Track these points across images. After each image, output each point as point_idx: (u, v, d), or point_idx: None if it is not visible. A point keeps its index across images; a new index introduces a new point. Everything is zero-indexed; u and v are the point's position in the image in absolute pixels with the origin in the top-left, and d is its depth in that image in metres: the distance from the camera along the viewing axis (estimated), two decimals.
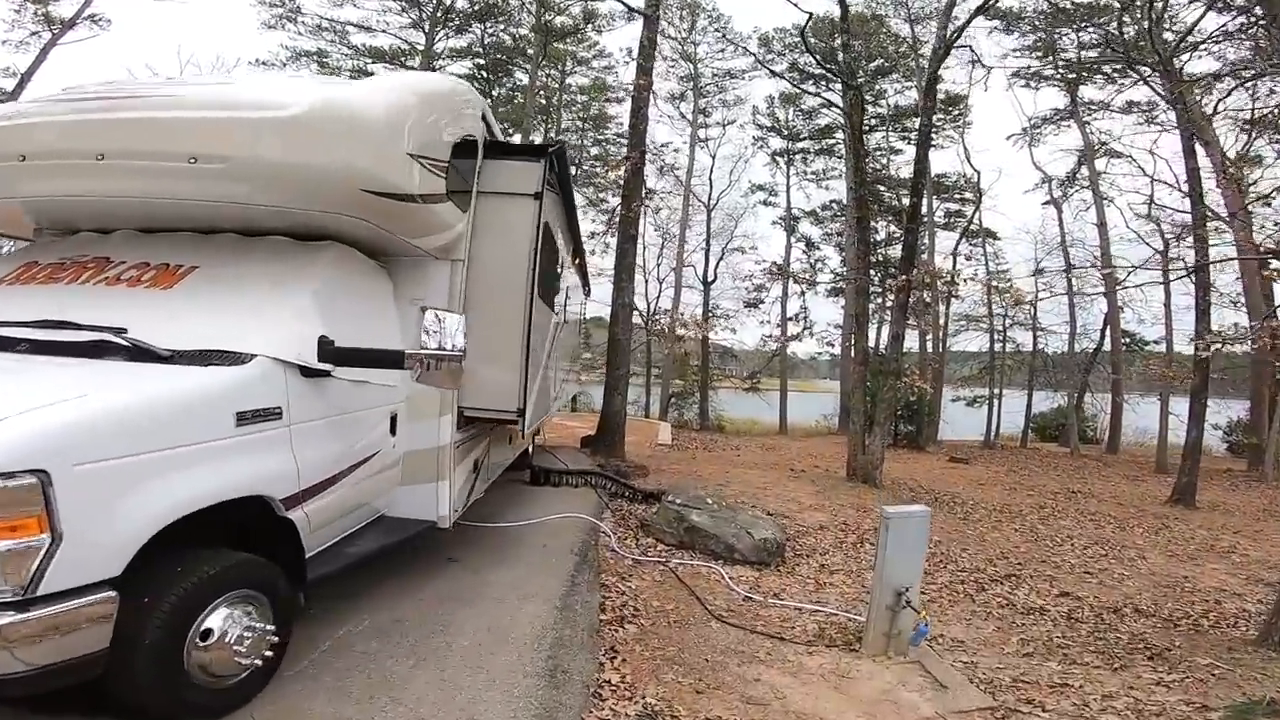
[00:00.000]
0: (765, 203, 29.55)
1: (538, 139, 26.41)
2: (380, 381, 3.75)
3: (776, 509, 8.46)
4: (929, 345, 25.32)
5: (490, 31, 25.21)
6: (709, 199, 27.78)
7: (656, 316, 25.71)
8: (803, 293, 27.79)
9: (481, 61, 25.72)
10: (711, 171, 28.05)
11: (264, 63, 23.49)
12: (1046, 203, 25.03)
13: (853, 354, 12.17)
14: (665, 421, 22.75)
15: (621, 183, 11.97)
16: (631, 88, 11.96)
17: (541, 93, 25.77)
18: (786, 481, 11.03)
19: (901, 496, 10.63)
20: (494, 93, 25.57)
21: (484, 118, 4.57)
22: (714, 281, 27.37)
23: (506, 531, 5.71)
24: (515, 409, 4.45)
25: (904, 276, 10.94)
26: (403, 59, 24.06)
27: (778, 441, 20.51)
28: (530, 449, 9.01)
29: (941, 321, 25.30)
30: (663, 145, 25.56)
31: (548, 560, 4.98)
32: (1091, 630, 5.13)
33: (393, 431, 4.06)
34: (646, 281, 28.67)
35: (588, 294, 12.63)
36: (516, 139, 21.61)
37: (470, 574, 4.58)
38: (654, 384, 28.53)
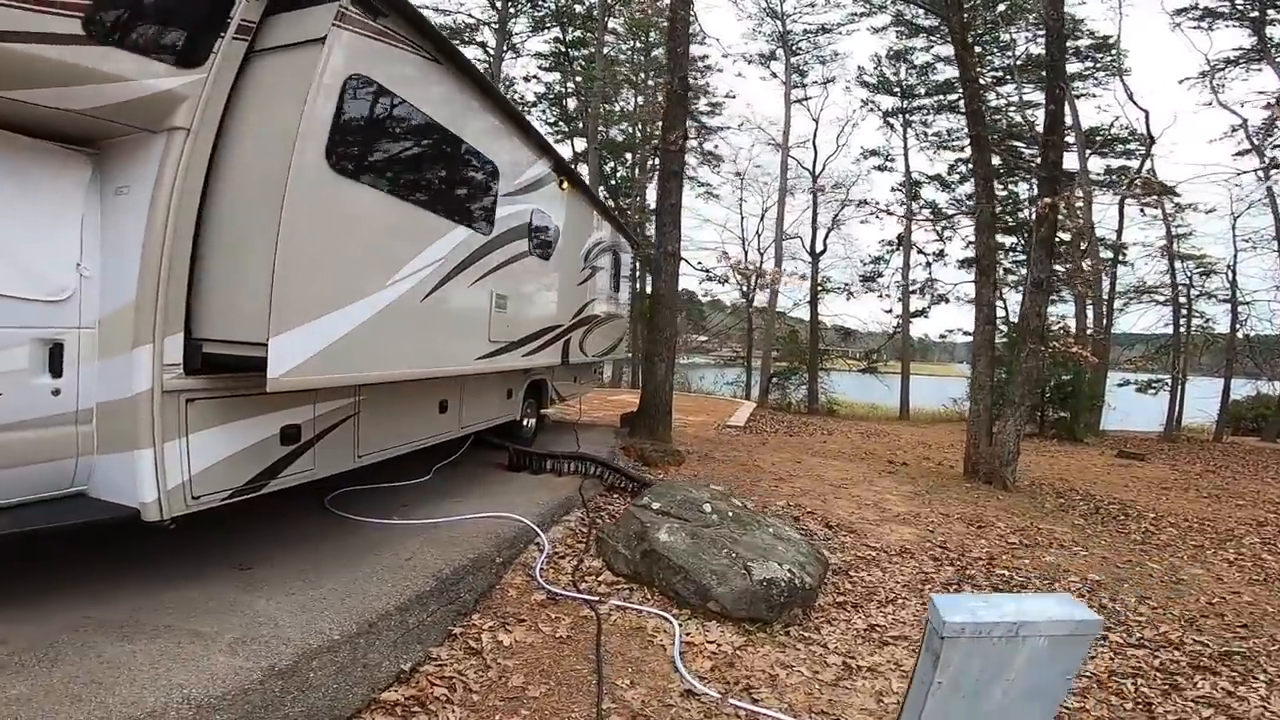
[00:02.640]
0: (880, 168, 25.65)
1: (613, 107, 24.44)
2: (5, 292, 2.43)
3: (843, 519, 6.04)
4: (1089, 318, 20.78)
5: (564, 5, 23.55)
6: (814, 165, 24.65)
7: (741, 268, 23.31)
8: (929, 263, 24.14)
9: (559, 34, 24.14)
10: (815, 136, 24.87)
11: None
12: (1241, 153, 19.65)
13: (974, 310, 9.20)
14: (760, 403, 20.27)
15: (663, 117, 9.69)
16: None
17: (617, 64, 23.65)
18: (876, 478, 8.43)
19: (1044, 506, 7.70)
20: (574, 68, 23.82)
21: None
22: (823, 253, 24.34)
23: (383, 533, 3.92)
24: (261, 340, 2.59)
25: (1046, 200, 7.93)
26: (471, 33, 22.85)
27: (889, 427, 17.36)
28: (527, 422, 7.16)
29: (1106, 292, 20.65)
30: (699, 59, 22.26)
31: (377, 584, 3.15)
32: None
33: (54, 370, 2.61)
34: (746, 252, 26.27)
35: (634, 247, 10.56)
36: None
37: (239, 593, 2.86)
38: (755, 365, 25.92)
